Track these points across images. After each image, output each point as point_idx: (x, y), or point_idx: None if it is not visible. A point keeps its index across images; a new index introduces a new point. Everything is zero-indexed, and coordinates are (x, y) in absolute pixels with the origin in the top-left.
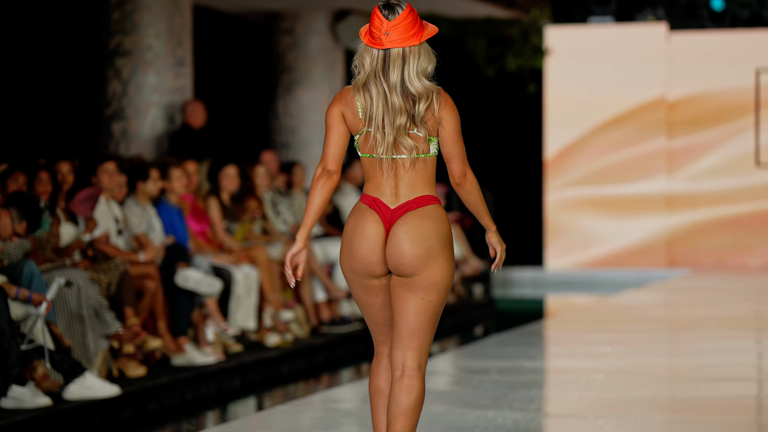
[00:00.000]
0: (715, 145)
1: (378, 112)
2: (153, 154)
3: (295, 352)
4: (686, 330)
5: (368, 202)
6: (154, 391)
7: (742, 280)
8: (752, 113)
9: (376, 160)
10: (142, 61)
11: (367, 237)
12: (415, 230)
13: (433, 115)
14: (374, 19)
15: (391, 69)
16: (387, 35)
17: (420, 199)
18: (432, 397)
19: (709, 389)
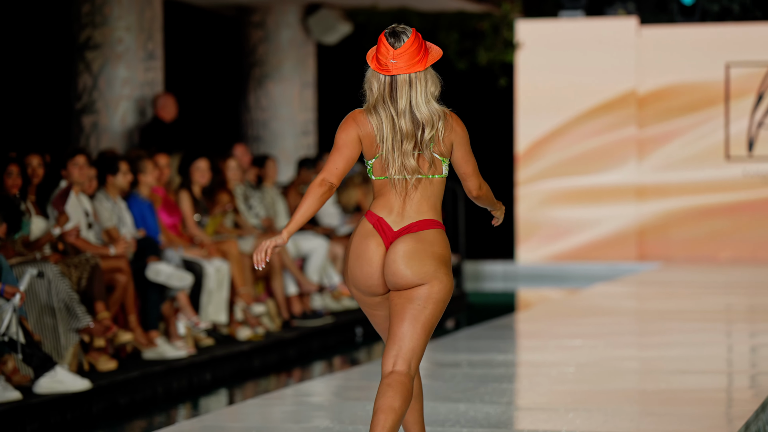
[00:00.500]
0: (686, 139)
1: (387, 136)
2: (124, 147)
3: (267, 345)
4: (657, 323)
5: (373, 222)
6: (125, 385)
7: (712, 273)
8: (722, 107)
9: (389, 181)
10: (113, 54)
11: (369, 261)
12: (410, 252)
13: (439, 138)
14: (380, 46)
15: (398, 95)
16: (393, 63)
17: (421, 223)
18: None
19: (679, 382)
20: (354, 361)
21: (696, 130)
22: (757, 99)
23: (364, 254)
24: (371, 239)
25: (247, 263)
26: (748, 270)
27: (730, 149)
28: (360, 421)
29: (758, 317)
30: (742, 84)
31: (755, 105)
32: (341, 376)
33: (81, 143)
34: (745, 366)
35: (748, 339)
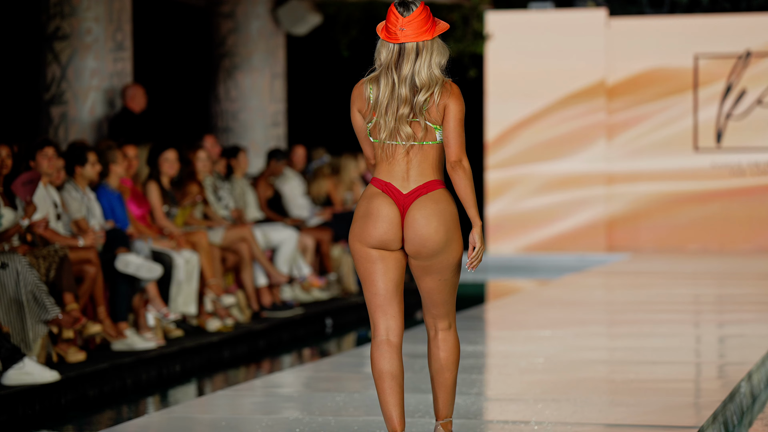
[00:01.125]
0: (654, 130)
1: (384, 101)
2: (93, 138)
3: (236, 337)
4: (626, 314)
5: (380, 186)
6: (94, 376)
7: (681, 263)
8: (691, 98)
9: (389, 145)
10: (81, 45)
11: (384, 217)
12: (433, 215)
13: (434, 104)
14: (390, 15)
15: (404, 62)
16: (402, 30)
17: (429, 184)
18: (373, 381)
19: (648, 372)
20: (324, 353)
21: (664, 121)
22: (725, 90)
23: (378, 211)
24: (383, 198)
25: (216, 254)
26: (716, 260)
27: (698, 140)
28: (330, 412)
29: (726, 308)
30: (710, 75)
31: (723, 96)
32: (311, 367)
33: (50, 134)
34: (713, 356)
35: (716, 329)
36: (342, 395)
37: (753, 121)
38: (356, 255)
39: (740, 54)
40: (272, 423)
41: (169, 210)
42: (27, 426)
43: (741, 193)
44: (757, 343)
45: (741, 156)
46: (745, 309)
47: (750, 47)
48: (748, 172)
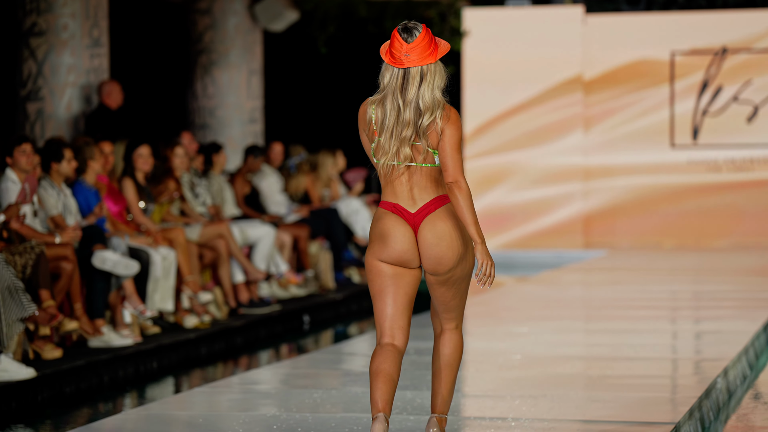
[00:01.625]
0: (631, 127)
1: (390, 124)
2: (69, 135)
3: (214, 333)
4: (603, 310)
5: (389, 207)
6: (70, 373)
7: (657, 260)
8: (667, 95)
9: (393, 167)
10: (58, 41)
11: (401, 236)
12: (444, 233)
13: (435, 131)
14: (394, 41)
15: (410, 86)
16: (407, 56)
17: (434, 202)
18: (350, 378)
19: (624, 368)
20: (301, 349)
21: (641, 118)
22: (701, 87)
23: (395, 231)
24: (396, 218)
25: (193, 251)
26: (693, 257)
27: (675, 137)
28: (307, 408)
29: (702, 304)
30: (686, 72)
31: (700, 93)
32: (288, 364)
33: (26, 130)
34: (689, 353)
35: (692, 326)
36: (319, 392)
37: (729, 118)
38: (373, 270)
39: (716, 50)
40: (249, 420)
41: (146, 206)
42: (3, 423)
43: (717, 190)
44: (733, 340)
45: (717, 152)
46: (722, 305)
47: (726, 43)
48: (725, 168)
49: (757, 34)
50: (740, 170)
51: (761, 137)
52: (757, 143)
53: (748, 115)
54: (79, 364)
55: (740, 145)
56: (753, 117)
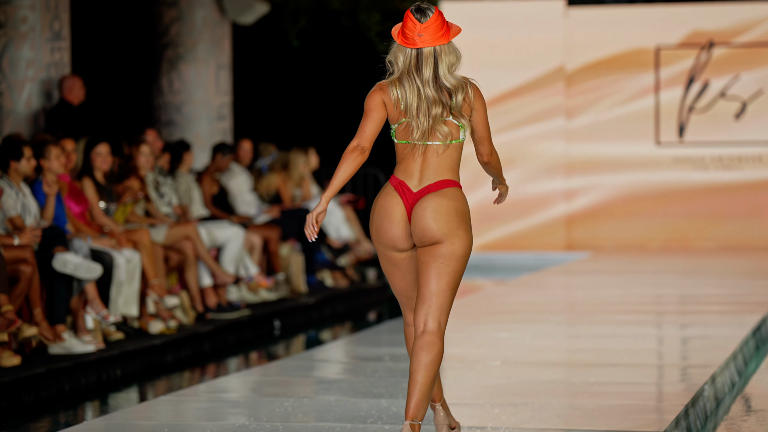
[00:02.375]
0: (614, 124)
1: (413, 104)
2: (29, 131)
3: (180, 339)
4: (585, 314)
5: (395, 184)
6: (29, 381)
7: (642, 262)
8: (652, 91)
9: (410, 145)
10: (17, 34)
11: (392, 218)
12: (435, 207)
13: (468, 104)
14: (407, 21)
15: (423, 66)
16: (420, 36)
17: (440, 183)
18: (323, 386)
19: (608, 375)
20: (271, 356)
21: (625, 115)
22: (687, 82)
23: (387, 213)
24: (393, 199)
25: (159, 253)
26: (679, 259)
27: (660, 135)
28: (278, 418)
29: (689, 308)
30: (672, 67)
31: (686, 89)
32: (258, 371)
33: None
34: (675, 359)
35: (678, 331)
36: (290, 400)
37: (716, 114)
38: (378, 251)
39: (703, 44)
40: (218, 430)
41: (107, 207)
42: None
43: (704, 189)
44: (721, 345)
45: (704, 150)
46: (709, 309)
47: (713, 37)
48: (712, 167)
49: (746, 27)
50: (728, 169)
51: (750, 134)
52: (745, 141)
53: (736, 112)
54: (39, 371)
55: (728, 143)
56: (741, 113)
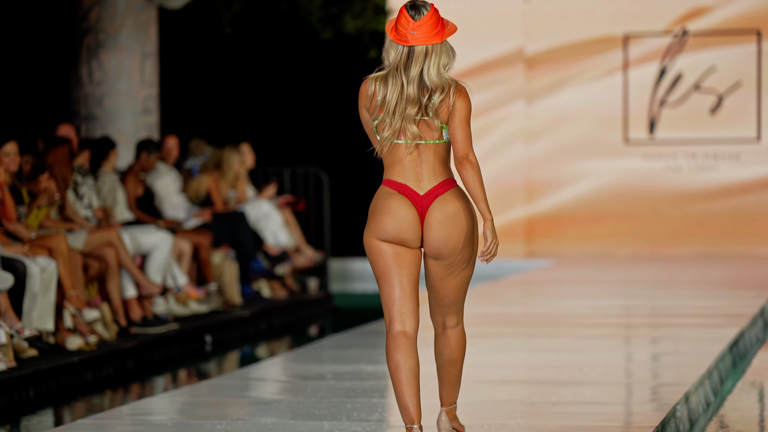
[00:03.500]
0: (580, 121)
1: (392, 101)
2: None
3: (101, 357)
4: (547, 327)
5: (395, 187)
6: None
7: (609, 271)
8: (620, 84)
9: (391, 144)
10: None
11: (403, 216)
12: (453, 217)
13: (446, 105)
14: (401, 17)
15: (413, 64)
16: (413, 34)
17: (443, 184)
18: (259, 407)
19: (572, 394)
20: (202, 374)
21: (591, 111)
22: (659, 74)
23: (397, 210)
24: (400, 198)
25: (77, 261)
26: (649, 267)
27: (629, 131)
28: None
29: (660, 321)
30: (642, 57)
31: (657, 81)
32: (187, 391)
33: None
34: (645, 377)
35: (649, 346)
36: (223, 423)
37: (690, 109)
38: (373, 251)
39: (676, 33)
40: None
41: (18, 210)
42: None
43: (676, 190)
44: (694, 362)
45: (677, 148)
46: (682, 323)
47: (687, 25)
48: (685, 166)
49: (722, 14)
50: (702, 169)
51: (726, 131)
52: (721, 138)
53: (712, 106)
54: None
55: (702, 141)
56: (717, 108)
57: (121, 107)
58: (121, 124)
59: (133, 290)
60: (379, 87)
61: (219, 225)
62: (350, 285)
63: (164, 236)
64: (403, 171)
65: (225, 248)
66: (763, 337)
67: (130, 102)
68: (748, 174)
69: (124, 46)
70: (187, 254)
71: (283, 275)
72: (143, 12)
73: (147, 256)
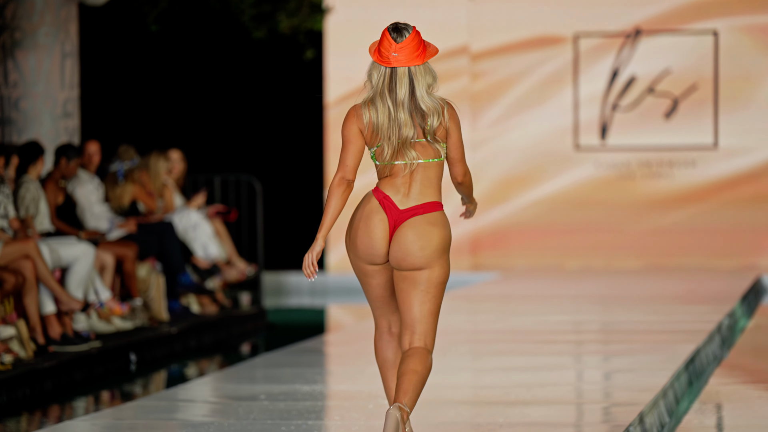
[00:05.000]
0: (528, 126)
1: (384, 126)
2: None
3: (16, 377)
4: (493, 344)
5: (379, 198)
6: None
7: (559, 285)
8: (570, 86)
9: (390, 166)
10: None
11: (372, 234)
12: (423, 235)
13: (443, 127)
14: (383, 40)
15: (398, 86)
16: (395, 56)
17: (427, 205)
18: (188, 430)
19: (520, 415)
20: (127, 395)
21: (538, 115)
22: (611, 77)
23: (368, 227)
24: (376, 215)
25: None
26: (601, 281)
27: (579, 137)
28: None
29: (612, 337)
30: (592, 58)
31: (609, 83)
32: (110, 413)
33: None
34: (597, 396)
35: (601, 364)
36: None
37: (643, 113)
38: (353, 266)
39: (628, 32)
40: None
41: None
42: None
43: (630, 200)
44: (648, 381)
45: (630, 155)
46: (635, 339)
47: (640, 24)
48: (639, 174)
49: (677, 12)
50: (657, 176)
51: (682, 136)
52: (676, 144)
53: (666, 110)
54: None
55: (657, 147)
56: (672, 112)
57: (39, 110)
58: (39, 128)
59: (52, 306)
60: (371, 114)
61: (145, 236)
62: (285, 300)
63: (86, 248)
64: (394, 184)
65: (151, 261)
66: (721, 355)
67: (48, 105)
68: (705, 183)
69: (43, 45)
70: (110, 267)
71: (213, 289)
72: (63, 9)
73: (67, 269)
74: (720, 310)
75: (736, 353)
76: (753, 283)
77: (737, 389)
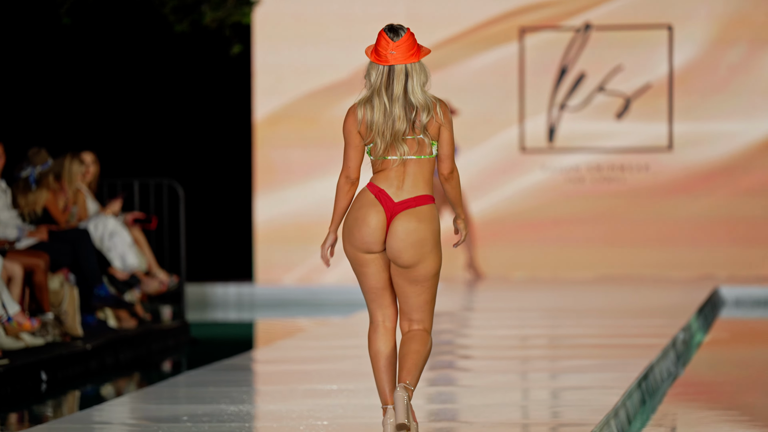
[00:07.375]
0: (468, 126)
1: (379, 122)
2: None
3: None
4: (432, 360)
5: (375, 191)
6: None
7: (503, 296)
8: (515, 84)
9: (384, 160)
10: None
11: (369, 225)
12: (414, 232)
13: (435, 123)
14: (380, 39)
15: (395, 83)
16: (392, 54)
17: (419, 198)
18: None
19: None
20: (36, 418)
21: (480, 115)
22: (558, 74)
23: (365, 219)
24: (373, 206)
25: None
26: (548, 293)
27: (525, 139)
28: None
29: (560, 353)
30: (539, 55)
31: (557, 82)
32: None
33: None
34: (543, 416)
35: (548, 381)
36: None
37: (594, 113)
38: (349, 257)
39: (578, 27)
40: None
41: None
42: None
43: (579, 206)
44: (599, 399)
45: (579, 158)
46: (584, 354)
47: (590, 18)
48: (588, 178)
49: (630, 6)
50: (608, 180)
51: (634, 138)
52: (628, 146)
53: (618, 110)
54: None
55: (608, 149)
56: (624, 112)
57: None
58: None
59: None
60: (366, 111)
61: (57, 245)
62: (209, 313)
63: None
64: (388, 178)
65: (64, 272)
66: (676, 371)
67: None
68: (659, 187)
69: None
70: (18, 278)
71: (132, 302)
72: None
73: None
74: (675, 323)
75: (691, 370)
76: (710, 295)
77: (693, 408)
